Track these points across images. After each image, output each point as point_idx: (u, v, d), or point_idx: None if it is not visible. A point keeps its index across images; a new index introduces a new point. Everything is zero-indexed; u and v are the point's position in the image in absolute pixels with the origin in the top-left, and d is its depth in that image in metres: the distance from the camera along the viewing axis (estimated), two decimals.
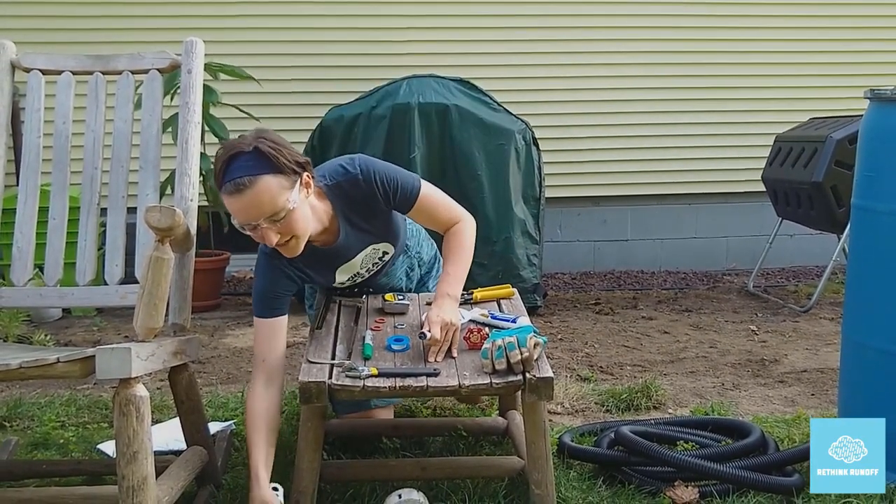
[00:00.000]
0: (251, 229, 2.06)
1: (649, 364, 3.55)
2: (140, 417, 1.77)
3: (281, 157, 2.02)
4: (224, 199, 2.04)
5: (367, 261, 2.40)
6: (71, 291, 2.32)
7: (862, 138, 2.43)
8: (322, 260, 2.30)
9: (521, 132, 4.25)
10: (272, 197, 2.01)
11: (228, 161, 2.02)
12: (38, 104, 2.43)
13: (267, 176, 2.00)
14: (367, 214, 2.27)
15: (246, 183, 1.99)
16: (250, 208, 2.01)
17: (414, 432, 2.55)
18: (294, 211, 2.05)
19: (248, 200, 2.00)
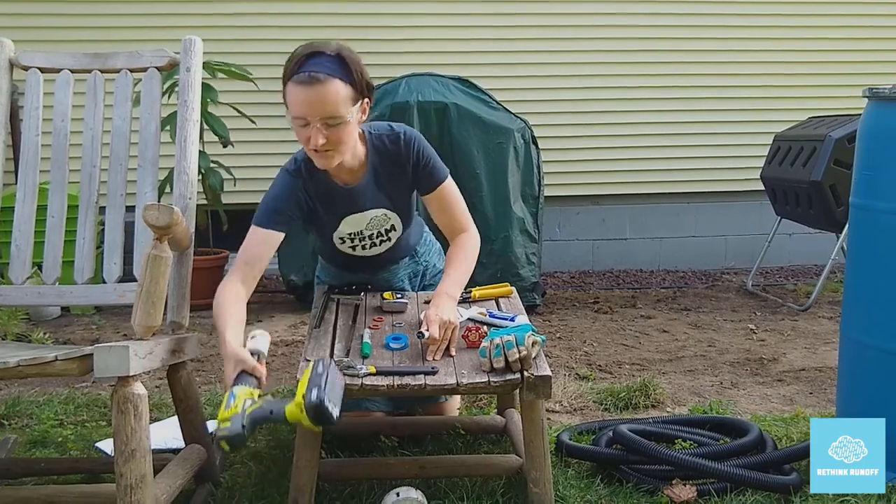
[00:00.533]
0: (303, 125, 2.12)
1: (648, 363, 3.55)
2: (138, 415, 1.77)
3: (357, 72, 2.13)
4: (291, 88, 2.10)
5: (374, 223, 2.41)
6: (69, 290, 2.32)
7: (860, 137, 2.43)
8: (336, 199, 2.33)
9: (520, 130, 4.25)
10: (337, 101, 2.09)
11: (309, 56, 2.10)
12: (37, 102, 2.42)
13: (340, 81, 2.09)
14: (392, 177, 2.34)
15: (320, 78, 2.06)
16: (314, 103, 2.07)
17: (412, 430, 2.55)
18: (347, 124, 2.13)
19: (315, 95, 2.07)
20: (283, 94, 2.15)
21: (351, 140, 2.19)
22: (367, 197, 2.35)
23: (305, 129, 2.12)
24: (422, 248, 2.66)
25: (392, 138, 2.31)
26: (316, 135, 2.10)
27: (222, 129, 4.39)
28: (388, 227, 2.44)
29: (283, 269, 4.48)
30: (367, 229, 2.42)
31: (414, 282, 2.66)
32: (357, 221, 2.39)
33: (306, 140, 2.14)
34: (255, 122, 4.59)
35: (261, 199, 2.32)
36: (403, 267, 2.62)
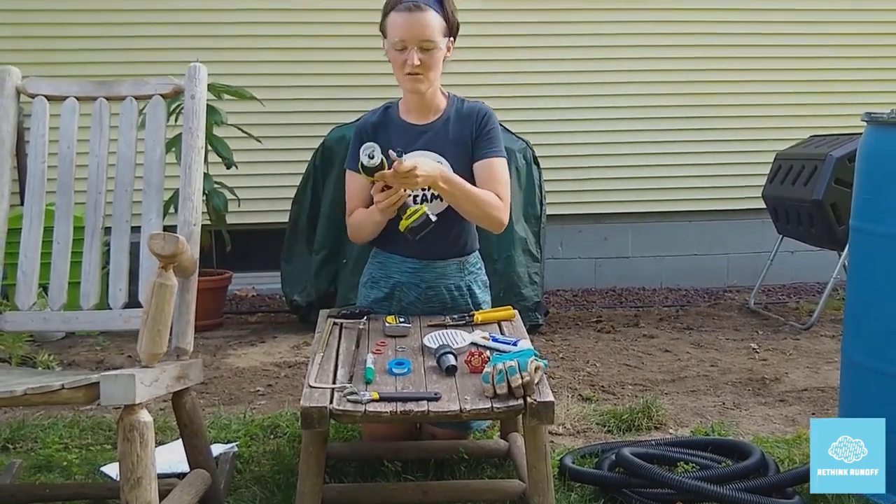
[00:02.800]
0: (401, 48, 2.45)
1: (650, 383, 3.55)
2: (144, 443, 1.79)
3: (450, 10, 2.50)
4: (394, 16, 2.45)
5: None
6: (75, 316, 2.34)
7: (859, 161, 2.45)
8: (402, 133, 2.58)
9: (522, 151, 4.28)
10: (433, 28, 2.45)
11: None
12: (43, 129, 2.44)
13: (435, 13, 2.46)
14: (459, 133, 2.57)
15: (421, 6, 2.44)
16: (414, 27, 2.43)
17: (415, 455, 2.55)
18: (439, 51, 2.47)
19: (416, 20, 2.43)
20: (382, 24, 2.50)
21: (438, 69, 2.51)
22: (430, 138, 2.57)
23: (402, 54, 2.45)
24: (472, 267, 2.70)
25: (470, 105, 2.63)
26: (413, 55, 2.42)
27: (226, 151, 4.42)
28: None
29: (285, 288, 4.50)
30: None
31: (455, 296, 2.67)
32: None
33: (402, 63, 2.45)
34: (260, 141, 4.62)
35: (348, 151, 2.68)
36: (448, 274, 2.64)
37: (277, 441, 2.83)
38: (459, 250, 2.67)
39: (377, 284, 2.69)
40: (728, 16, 5.27)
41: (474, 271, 2.72)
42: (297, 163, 4.62)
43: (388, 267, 2.68)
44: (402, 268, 2.66)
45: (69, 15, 4.84)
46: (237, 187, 4.62)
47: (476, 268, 2.74)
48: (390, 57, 2.50)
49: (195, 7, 4.92)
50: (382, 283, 2.67)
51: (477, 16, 5.05)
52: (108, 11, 4.84)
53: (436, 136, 2.57)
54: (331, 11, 5.00)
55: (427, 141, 2.56)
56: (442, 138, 2.56)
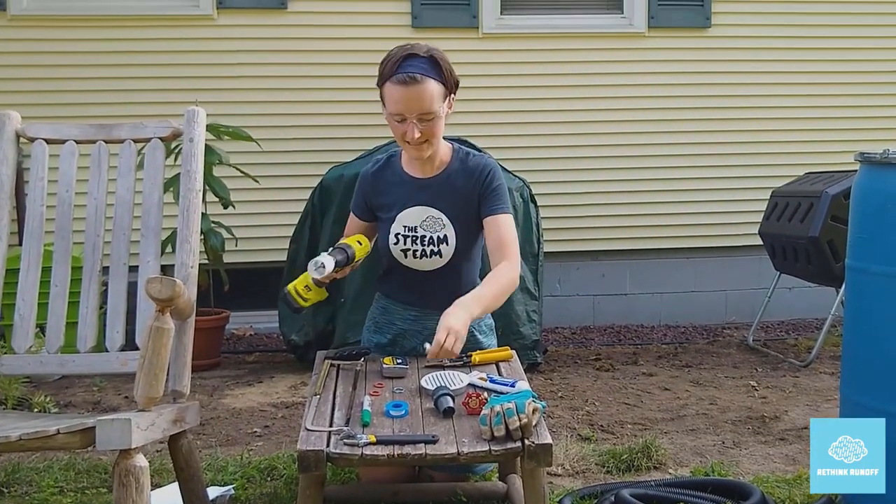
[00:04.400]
0: (400, 121, 2.40)
1: (650, 422, 3.54)
2: (139, 488, 1.78)
3: (447, 70, 2.42)
4: (389, 88, 2.38)
5: (429, 223, 2.54)
6: (72, 359, 2.34)
7: (854, 200, 2.47)
8: (404, 187, 2.56)
9: (519, 189, 4.30)
10: (432, 98, 2.37)
11: (405, 58, 2.37)
12: (42, 173, 2.47)
13: (434, 81, 2.38)
14: (461, 187, 2.53)
15: (418, 78, 2.34)
16: (412, 100, 2.35)
17: (413, 497, 2.54)
18: (439, 118, 2.42)
19: (413, 93, 2.35)
20: (381, 92, 2.44)
21: (440, 133, 2.47)
22: (430, 192, 2.54)
23: (402, 125, 2.40)
24: None
25: (476, 156, 2.58)
26: (412, 129, 2.37)
27: (224, 191, 4.44)
28: (441, 236, 2.52)
29: (283, 328, 4.49)
30: (422, 228, 2.53)
31: None
32: (414, 216, 2.53)
33: (402, 134, 2.41)
34: (258, 181, 4.64)
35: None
36: None
37: (274, 483, 2.81)
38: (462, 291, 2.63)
39: (381, 330, 2.70)
40: (723, 55, 5.33)
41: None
42: (295, 202, 4.64)
43: (391, 313, 2.69)
44: (404, 315, 2.67)
45: (67, 57, 4.89)
46: (235, 226, 4.64)
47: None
48: (389, 124, 2.46)
49: (194, 49, 4.97)
50: (385, 328, 2.69)
51: (473, 56, 5.12)
52: (107, 54, 4.89)
53: (437, 190, 2.54)
54: (329, 53, 5.05)
55: (427, 195, 2.54)
56: (443, 192, 2.53)
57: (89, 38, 4.90)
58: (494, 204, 2.52)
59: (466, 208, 2.54)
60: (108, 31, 4.91)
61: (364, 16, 5.10)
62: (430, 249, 2.54)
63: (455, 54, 5.19)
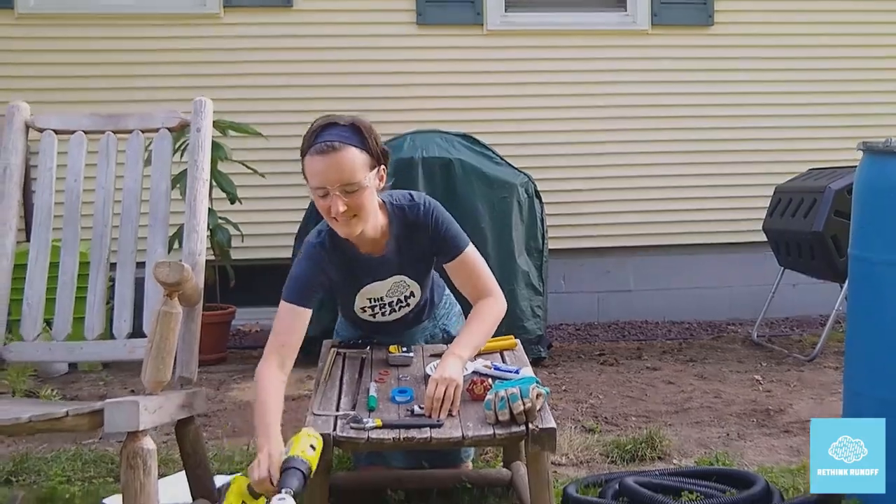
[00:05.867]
0: (323, 195, 2.17)
1: (654, 414, 3.54)
2: (147, 470, 1.80)
3: (370, 139, 2.20)
4: (308, 160, 2.18)
5: (394, 290, 2.45)
6: (79, 346, 2.37)
7: (857, 190, 2.48)
8: (359, 268, 2.38)
9: (524, 185, 4.32)
10: (353, 167, 2.15)
11: (324, 128, 2.18)
12: (51, 163, 2.49)
13: (354, 148, 2.16)
14: (413, 246, 2.38)
15: (335, 146, 2.13)
16: (331, 171, 2.13)
17: (418, 484, 2.55)
18: (366, 190, 2.18)
19: (331, 162, 2.13)
20: (302, 168, 2.22)
21: (371, 206, 2.22)
22: (389, 266, 2.40)
23: (326, 200, 2.17)
24: (441, 311, 2.70)
25: (413, 210, 2.35)
26: (336, 202, 2.14)
27: (230, 186, 4.46)
28: (407, 294, 2.48)
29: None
30: (388, 296, 2.46)
31: (432, 341, 2.68)
32: (378, 289, 2.44)
33: (327, 209, 2.18)
34: (264, 176, 4.67)
35: (288, 276, 2.36)
36: (421, 330, 2.65)
37: None
38: (427, 315, 2.64)
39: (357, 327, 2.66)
40: (725, 52, 5.34)
41: (444, 313, 2.71)
42: (301, 198, 4.65)
43: (358, 330, 2.66)
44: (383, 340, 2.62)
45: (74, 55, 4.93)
46: (241, 223, 4.66)
47: (445, 308, 2.71)
48: (315, 202, 2.23)
49: (200, 48, 5.00)
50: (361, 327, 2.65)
51: (477, 53, 5.15)
52: (114, 52, 4.92)
53: (395, 259, 2.39)
54: (334, 50, 5.08)
55: (386, 269, 2.40)
56: (400, 262, 2.40)
57: (96, 35, 4.94)
58: (452, 247, 2.37)
59: (425, 261, 2.45)
60: (114, 30, 4.95)
61: (369, 13, 5.13)
62: (399, 307, 2.50)
63: (459, 51, 5.27)
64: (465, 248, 2.39)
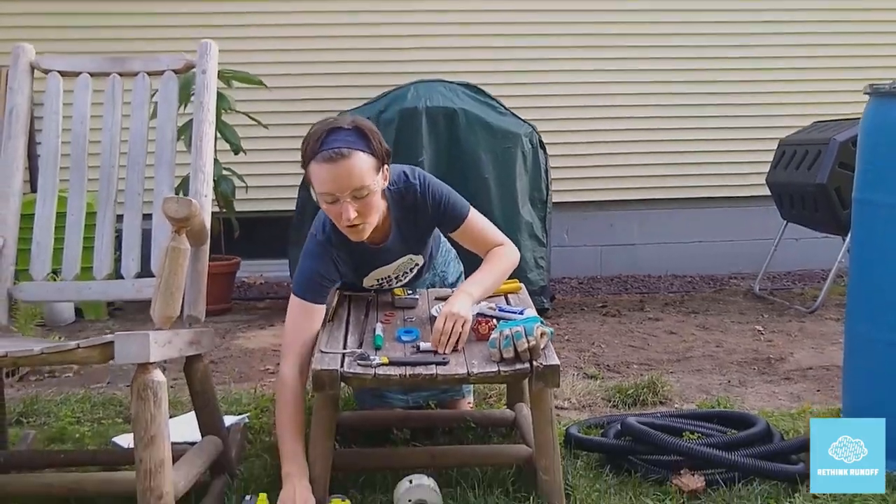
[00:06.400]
0: (332, 202, 2.14)
1: (656, 363, 3.58)
2: (157, 402, 1.82)
3: (374, 141, 2.16)
4: (315, 167, 2.12)
5: (401, 268, 2.48)
6: (88, 286, 2.38)
7: (862, 133, 2.48)
8: (364, 257, 2.38)
9: (528, 135, 4.31)
10: (362, 173, 2.12)
11: (328, 133, 2.13)
12: (56, 106, 2.49)
13: (362, 153, 2.12)
14: (414, 224, 2.37)
15: (344, 153, 2.09)
16: (342, 178, 2.11)
17: (424, 424, 2.59)
18: (374, 193, 2.17)
19: (342, 170, 2.10)
20: (306, 173, 2.18)
21: (378, 207, 2.22)
22: (393, 251, 2.41)
23: (335, 206, 2.15)
24: (439, 258, 2.71)
25: (410, 190, 2.32)
26: (347, 209, 2.13)
27: (234, 137, 4.46)
28: (412, 266, 2.51)
29: (293, 272, 4.53)
30: (395, 273, 2.50)
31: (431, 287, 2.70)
32: (385, 271, 2.47)
33: (338, 216, 2.17)
34: (268, 128, 4.66)
35: (297, 273, 2.37)
36: (421, 282, 2.67)
37: None
38: (428, 268, 2.65)
39: None
40: (733, 4, 5.30)
41: (442, 260, 2.73)
42: None
43: None
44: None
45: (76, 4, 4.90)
46: (246, 175, 4.66)
47: (443, 256, 2.72)
48: (322, 207, 2.20)
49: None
50: None
51: (483, 3, 5.11)
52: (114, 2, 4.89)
53: (399, 244, 2.40)
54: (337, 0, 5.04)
55: (392, 254, 2.41)
56: (404, 245, 2.41)
57: None
58: (454, 218, 2.37)
59: (428, 234, 2.45)
60: None
61: None
62: (405, 277, 2.53)
63: (466, 1, 5.21)
64: (468, 215, 2.39)
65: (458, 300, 2.23)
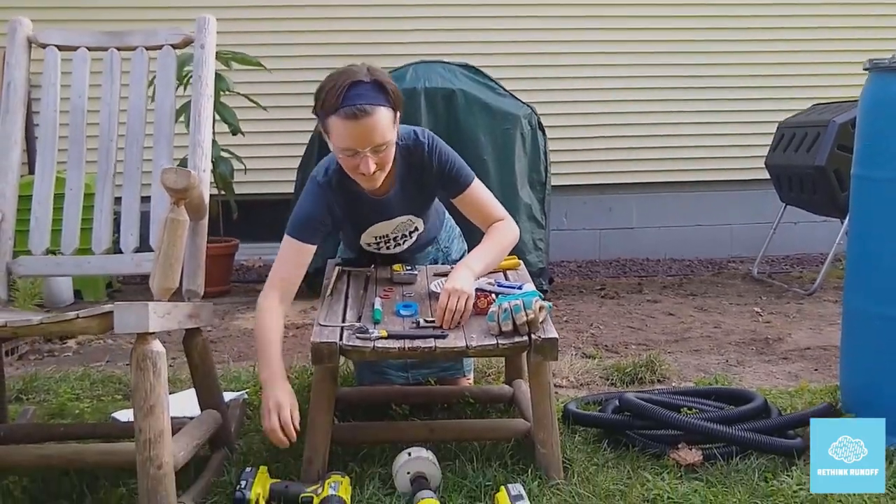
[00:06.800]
0: (351, 155, 2.15)
1: (654, 343, 3.58)
2: (157, 372, 1.82)
3: (392, 93, 2.16)
4: (337, 122, 2.12)
5: (400, 227, 2.47)
6: (87, 260, 2.38)
7: (862, 109, 2.47)
8: (365, 209, 2.38)
9: (527, 117, 4.30)
10: (384, 128, 2.13)
11: (349, 87, 2.10)
12: (54, 79, 2.48)
13: (384, 108, 2.13)
14: (418, 183, 2.38)
15: (367, 110, 2.09)
16: (365, 135, 2.11)
17: (423, 399, 2.60)
18: (392, 145, 2.19)
19: (365, 127, 2.10)
20: (324, 124, 2.17)
21: (392, 157, 2.22)
22: (394, 205, 2.40)
23: (353, 158, 2.15)
24: (443, 234, 2.71)
25: (418, 147, 2.33)
26: (367, 162, 2.14)
27: (232, 118, 4.45)
28: (412, 229, 2.51)
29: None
30: (393, 233, 2.49)
31: (434, 263, 2.70)
32: (384, 228, 2.46)
33: (355, 167, 2.17)
34: (267, 110, 4.65)
35: (292, 214, 2.36)
36: (424, 256, 2.67)
37: None
38: (430, 241, 2.66)
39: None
40: None
41: (446, 236, 2.73)
42: (304, 133, 4.64)
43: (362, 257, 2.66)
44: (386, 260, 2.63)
45: None
46: (244, 157, 4.65)
47: (447, 232, 2.73)
48: (339, 158, 2.22)
49: None
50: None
51: None
52: None
53: (400, 202, 2.40)
54: None
55: (392, 209, 2.41)
56: (405, 201, 2.40)
57: None
58: (458, 181, 2.37)
59: (430, 198, 2.46)
60: None
61: None
62: (404, 240, 2.52)
63: None
64: (472, 182, 2.38)
65: (461, 276, 2.23)
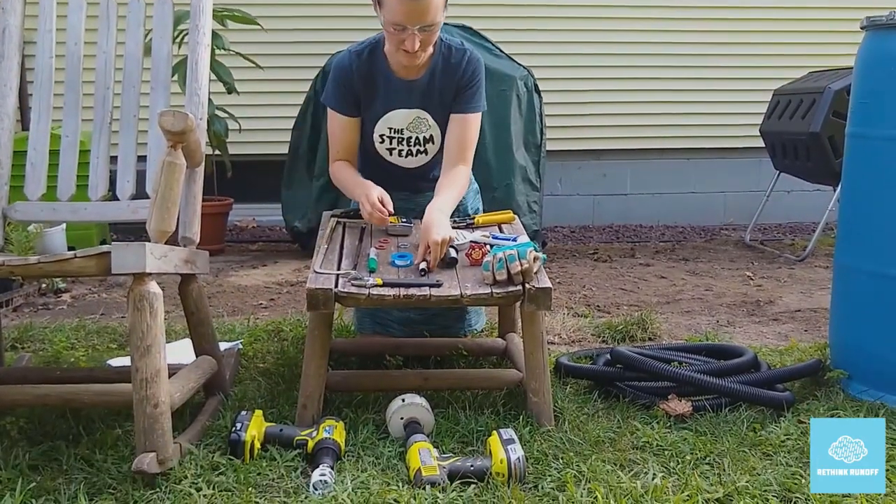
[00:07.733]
0: (400, 30, 2.25)
1: (645, 304, 3.61)
2: (153, 313, 1.83)
3: None
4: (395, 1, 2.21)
5: (415, 125, 2.52)
6: (83, 206, 2.38)
7: (858, 67, 2.48)
8: (389, 88, 2.46)
9: (523, 78, 4.29)
10: (437, 10, 2.25)
11: None
12: (50, 24, 2.46)
13: None
14: (445, 86, 2.46)
15: None
16: (419, 13, 2.22)
17: (417, 351, 2.61)
18: (439, 27, 2.30)
19: (420, 7, 2.21)
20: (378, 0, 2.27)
21: (434, 41, 2.35)
22: (417, 95, 2.47)
23: (400, 33, 2.25)
24: None
25: (459, 52, 2.45)
26: (413, 40, 2.25)
27: (227, 76, 4.43)
28: (426, 136, 2.53)
29: (286, 215, 4.54)
30: (408, 130, 2.52)
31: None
32: (401, 118, 2.50)
33: (400, 43, 2.27)
34: (263, 69, 4.63)
35: (325, 92, 2.52)
36: None
37: (282, 343, 2.89)
38: None
39: None
40: None
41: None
42: (299, 94, 4.64)
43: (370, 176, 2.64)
44: (394, 198, 2.60)
45: None
46: (240, 117, 4.64)
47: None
48: (385, 31, 2.33)
49: None
50: None
51: None
52: None
53: (423, 92, 2.46)
54: None
55: (413, 98, 2.47)
56: (428, 94, 2.46)
57: None
58: (468, 102, 2.47)
59: (446, 105, 2.49)
60: None
61: None
62: (417, 149, 2.54)
63: None
64: (475, 113, 2.49)
65: (445, 223, 2.27)
